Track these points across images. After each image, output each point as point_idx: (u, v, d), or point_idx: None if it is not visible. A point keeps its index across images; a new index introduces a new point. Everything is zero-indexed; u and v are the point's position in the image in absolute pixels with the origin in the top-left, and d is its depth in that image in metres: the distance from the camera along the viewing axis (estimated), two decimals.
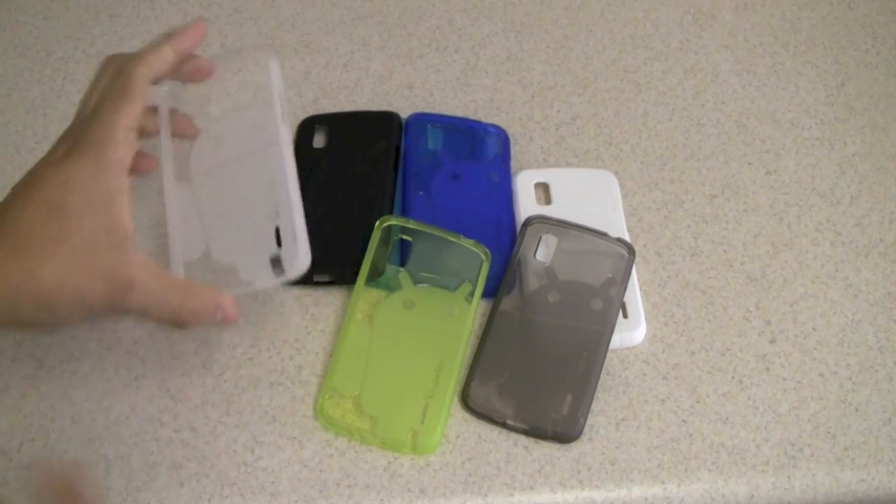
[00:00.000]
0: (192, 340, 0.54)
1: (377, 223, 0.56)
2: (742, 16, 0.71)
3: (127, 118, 0.44)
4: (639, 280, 0.58)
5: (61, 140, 0.45)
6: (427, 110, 0.64)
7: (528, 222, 0.58)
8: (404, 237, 0.56)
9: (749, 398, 0.54)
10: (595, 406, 0.53)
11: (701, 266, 0.59)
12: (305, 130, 0.62)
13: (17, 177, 0.43)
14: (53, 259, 0.41)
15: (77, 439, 0.51)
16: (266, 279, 0.47)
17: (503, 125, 0.63)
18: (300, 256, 0.46)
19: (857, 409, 0.54)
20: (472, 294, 0.55)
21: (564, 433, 0.52)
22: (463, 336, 0.54)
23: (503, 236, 0.58)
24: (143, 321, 0.49)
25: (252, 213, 0.48)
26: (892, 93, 0.68)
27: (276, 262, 0.46)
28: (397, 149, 0.61)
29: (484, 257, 0.55)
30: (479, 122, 0.63)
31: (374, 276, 0.55)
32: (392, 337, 0.54)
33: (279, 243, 0.47)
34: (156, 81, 0.47)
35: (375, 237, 0.56)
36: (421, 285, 0.55)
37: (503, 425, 0.52)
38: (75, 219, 0.41)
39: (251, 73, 0.50)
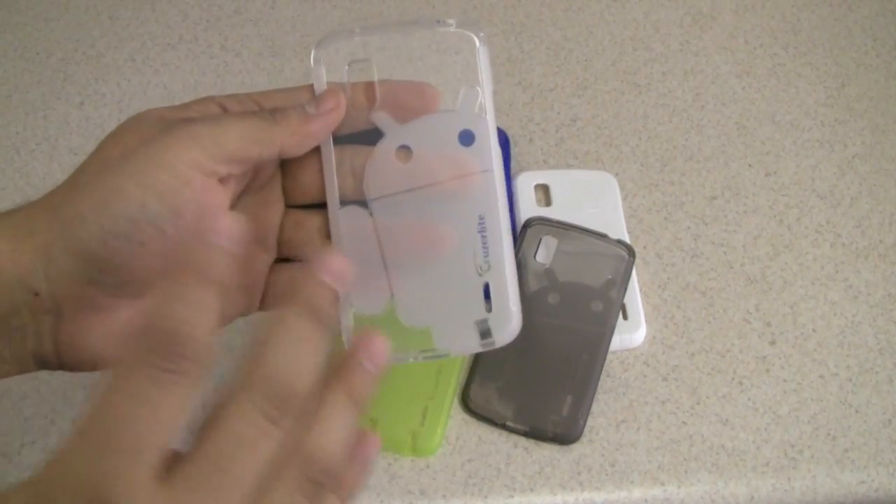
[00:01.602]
0: None
1: None
2: (742, 17, 0.71)
3: None
4: (639, 282, 0.58)
5: None
6: None
7: (528, 224, 0.58)
8: None
9: (749, 400, 0.54)
10: (595, 408, 0.53)
11: (701, 268, 0.59)
12: None
13: (18, 178, 0.43)
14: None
15: None
16: (468, 347, 0.39)
17: (503, 127, 0.63)
18: (513, 323, 0.38)
19: (857, 411, 0.54)
20: None
21: (564, 435, 0.52)
22: None
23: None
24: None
25: (454, 260, 0.38)
26: (893, 94, 0.68)
27: (484, 329, 0.38)
28: None
29: None
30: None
31: None
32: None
33: (488, 307, 0.38)
34: None
35: None
36: None
37: (503, 427, 0.52)
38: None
39: (452, 60, 0.39)
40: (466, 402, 0.52)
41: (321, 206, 0.39)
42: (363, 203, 0.38)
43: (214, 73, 0.66)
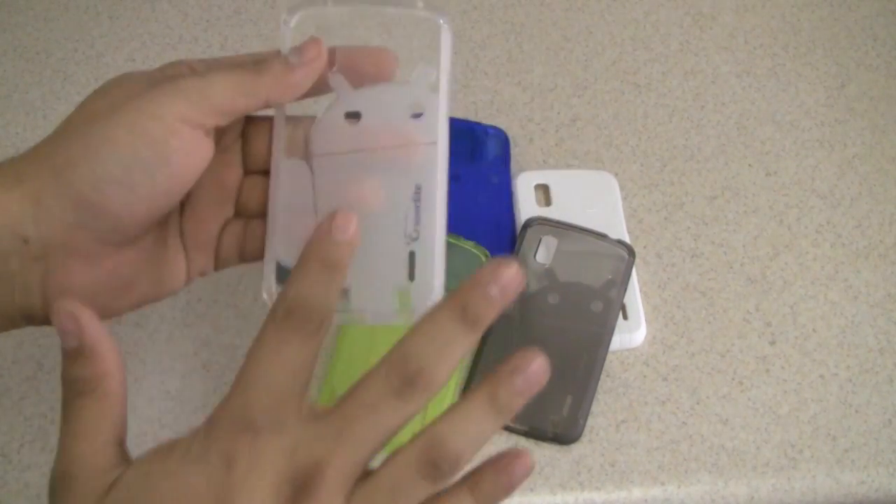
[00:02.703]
0: (192, 342, 0.54)
1: None
2: (742, 17, 0.71)
3: None
4: (639, 282, 0.58)
5: None
6: None
7: (528, 224, 0.58)
8: None
9: (749, 400, 0.54)
10: (595, 408, 0.53)
11: (701, 268, 0.59)
12: None
13: None
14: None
15: None
16: (384, 315, 0.38)
17: (503, 127, 0.63)
18: (433, 297, 0.38)
19: (857, 411, 0.54)
20: None
21: (564, 435, 0.52)
22: None
23: (503, 238, 0.58)
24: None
25: (383, 226, 0.39)
26: (893, 94, 0.68)
27: (404, 298, 0.38)
28: None
29: (484, 259, 0.55)
30: (478, 124, 0.63)
31: None
32: (392, 338, 0.54)
33: (411, 275, 0.38)
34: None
35: None
36: None
37: (503, 427, 0.52)
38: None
39: (415, 40, 0.40)
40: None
41: None
42: (306, 160, 0.40)
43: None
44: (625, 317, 0.56)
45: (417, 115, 0.39)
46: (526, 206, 0.59)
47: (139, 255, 0.38)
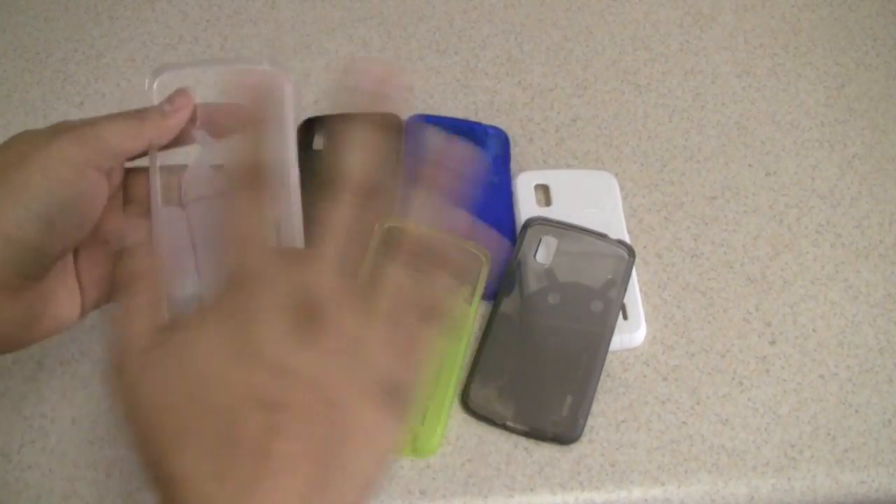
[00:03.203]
0: None
1: (378, 225, 0.56)
2: (742, 17, 0.71)
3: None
4: (639, 282, 0.58)
5: None
6: (427, 112, 0.64)
7: (528, 224, 0.58)
8: None
9: (749, 400, 0.54)
10: (595, 408, 0.53)
11: (701, 268, 0.59)
12: (305, 132, 0.62)
13: None
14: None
15: (77, 441, 0.51)
16: None
17: (503, 127, 0.63)
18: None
19: (857, 411, 0.54)
20: (471, 296, 0.55)
21: (564, 435, 0.52)
22: (463, 338, 0.54)
23: (503, 238, 0.58)
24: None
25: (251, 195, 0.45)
26: (893, 94, 0.68)
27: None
28: (397, 151, 0.61)
29: (484, 259, 0.55)
30: (478, 124, 0.63)
31: None
32: None
33: (278, 234, 0.45)
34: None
35: (376, 239, 0.56)
36: None
37: (503, 427, 0.52)
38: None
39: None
40: (466, 402, 0.52)
41: None
42: (181, 205, 0.46)
43: (214, 73, 0.65)
44: (625, 317, 0.56)
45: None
46: (526, 206, 0.59)
47: (45, 290, 0.42)
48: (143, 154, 0.45)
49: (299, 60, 0.67)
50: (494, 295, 0.56)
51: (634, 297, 0.56)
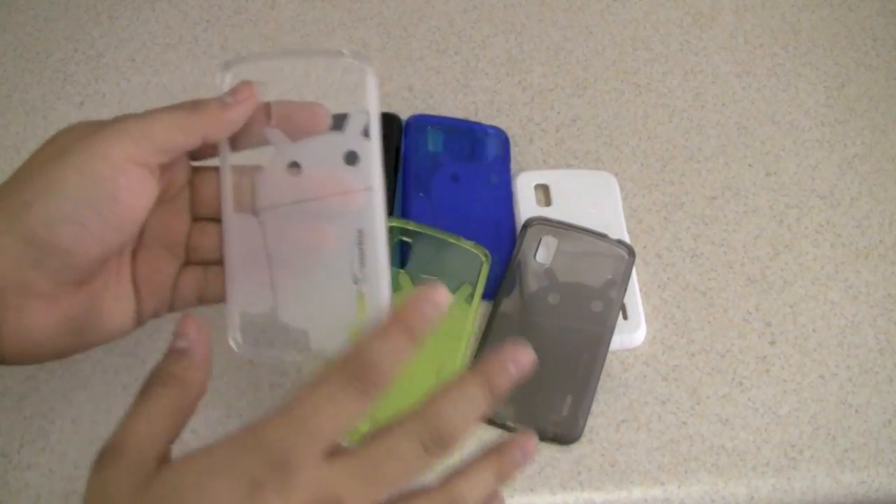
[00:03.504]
0: None
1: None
2: (742, 17, 0.71)
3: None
4: (639, 282, 0.58)
5: None
6: (427, 112, 0.64)
7: (528, 224, 0.58)
8: (404, 239, 0.56)
9: (749, 400, 0.54)
10: (595, 408, 0.53)
11: (701, 268, 0.59)
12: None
13: None
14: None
15: (77, 441, 0.51)
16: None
17: (503, 127, 0.63)
18: None
19: (857, 411, 0.54)
20: (471, 296, 0.55)
21: (564, 435, 0.52)
22: (463, 338, 0.54)
23: (503, 238, 0.58)
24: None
25: (332, 268, 0.41)
26: (893, 94, 0.68)
27: (356, 336, 0.39)
28: (397, 150, 0.61)
29: (484, 259, 0.55)
30: (478, 124, 0.63)
31: None
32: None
33: (361, 313, 0.41)
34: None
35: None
36: None
37: (503, 427, 0.52)
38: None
39: (343, 87, 0.42)
40: None
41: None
42: (254, 213, 0.42)
43: (214, 73, 0.65)
44: (625, 317, 0.56)
45: (352, 161, 0.41)
46: (526, 206, 0.59)
47: (90, 296, 0.40)
48: (210, 154, 0.42)
49: None
50: (494, 295, 0.56)
51: (634, 297, 0.56)
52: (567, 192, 0.60)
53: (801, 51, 0.70)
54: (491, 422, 0.52)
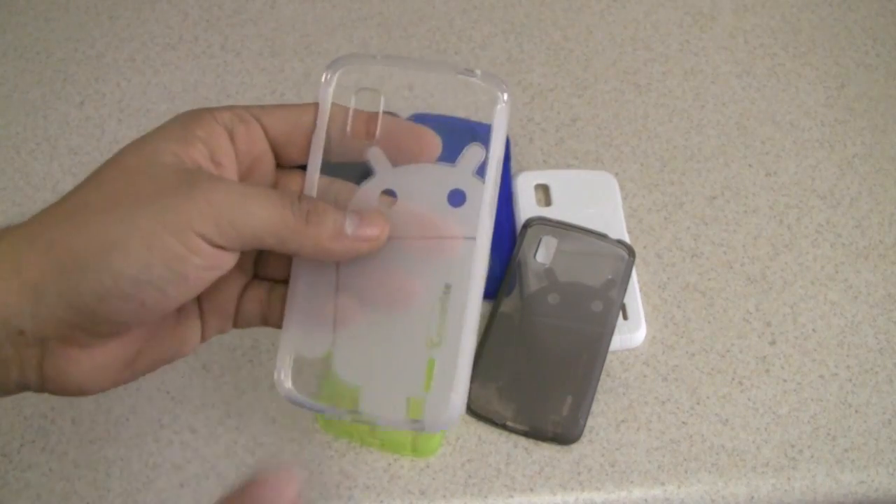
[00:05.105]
0: None
1: None
2: (742, 17, 0.71)
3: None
4: (639, 282, 0.58)
5: None
6: (427, 112, 0.64)
7: (528, 224, 0.58)
8: None
9: (749, 400, 0.54)
10: (595, 408, 0.53)
11: (701, 268, 0.59)
12: None
13: (18, 178, 0.43)
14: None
15: (77, 441, 0.51)
16: (394, 423, 0.35)
17: None
18: (449, 412, 0.34)
19: (857, 411, 0.54)
20: None
21: (564, 435, 0.52)
22: None
23: (503, 238, 0.58)
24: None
25: (406, 324, 0.35)
26: (892, 94, 0.68)
27: (415, 408, 0.35)
28: None
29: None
30: (479, 124, 0.63)
31: None
32: None
33: (428, 384, 0.35)
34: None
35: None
36: None
37: (503, 427, 0.52)
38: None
39: (465, 112, 0.37)
40: (466, 403, 0.52)
41: None
42: None
43: (214, 73, 0.66)
44: (625, 317, 0.56)
45: (457, 202, 0.36)
46: (526, 206, 0.59)
47: (146, 335, 0.36)
48: (297, 160, 0.36)
49: (299, 60, 0.67)
50: (494, 295, 0.56)
51: (634, 297, 0.56)
52: (567, 192, 0.60)
53: (800, 51, 0.70)
54: (491, 422, 0.52)
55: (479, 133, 0.61)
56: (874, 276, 0.59)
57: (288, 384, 0.36)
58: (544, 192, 0.60)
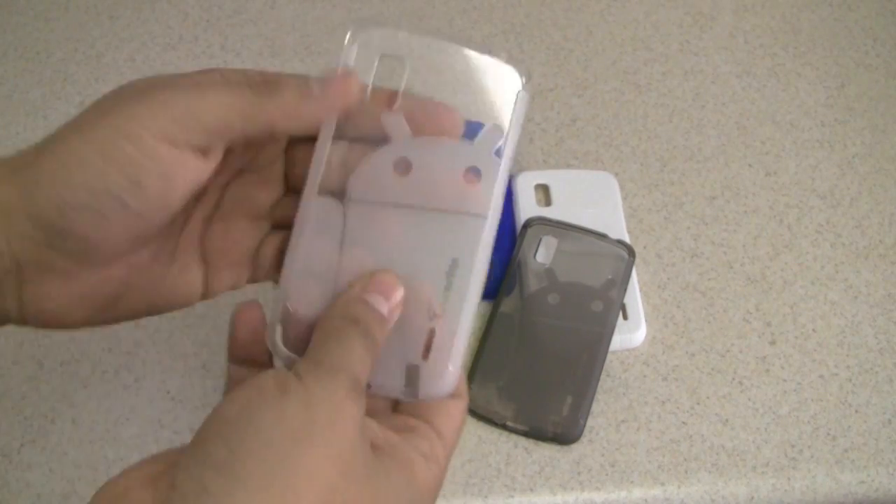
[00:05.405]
0: (192, 342, 0.54)
1: None
2: (742, 17, 0.71)
3: None
4: (639, 282, 0.58)
5: None
6: None
7: (528, 224, 0.58)
8: None
9: (749, 400, 0.54)
10: (595, 408, 0.53)
11: (701, 268, 0.59)
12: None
13: None
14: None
15: (77, 441, 0.51)
16: (389, 389, 0.35)
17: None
18: (444, 382, 0.35)
19: (857, 411, 0.54)
20: None
21: (564, 435, 0.52)
22: None
23: (503, 238, 0.58)
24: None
25: (408, 294, 0.35)
26: (892, 94, 0.68)
27: (412, 375, 0.35)
28: None
29: None
30: (479, 123, 0.63)
31: None
32: None
33: (426, 353, 0.35)
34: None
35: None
36: None
37: (503, 427, 0.52)
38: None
39: (486, 92, 0.37)
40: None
41: None
42: (341, 200, 0.36)
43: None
44: (625, 317, 0.56)
45: (472, 179, 0.36)
46: (526, 206, 0.59)
47: (128, 271, 0.35)
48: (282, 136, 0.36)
49: (299, 60, 0.67)
50: (494, 295, 0.56)
51: (634, 297, 0.56)
52: (567, 192, 0.60)
53: (800, 51, 0.70)
54: (491, 422, 0.52)
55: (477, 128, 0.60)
56: (874, 276, 0.59)
57: (280, 344, 0.35)
58: (544, 192, 0.60)
